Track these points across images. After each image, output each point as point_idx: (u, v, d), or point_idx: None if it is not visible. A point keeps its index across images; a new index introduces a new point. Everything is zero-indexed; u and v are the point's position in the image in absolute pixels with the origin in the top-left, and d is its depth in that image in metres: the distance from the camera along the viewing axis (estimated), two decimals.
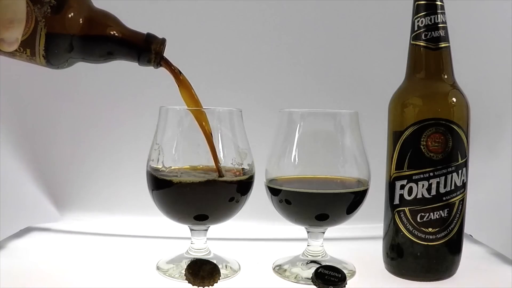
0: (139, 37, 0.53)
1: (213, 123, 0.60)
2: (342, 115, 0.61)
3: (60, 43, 0.50)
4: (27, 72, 0.88)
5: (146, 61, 0.54)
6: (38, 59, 0.50)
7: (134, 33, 0.53)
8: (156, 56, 0.54)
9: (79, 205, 0.90)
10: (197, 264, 0.50)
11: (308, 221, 0.62)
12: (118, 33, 0.52)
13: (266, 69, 0.90)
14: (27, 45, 0.48)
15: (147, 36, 0.53)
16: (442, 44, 0.58)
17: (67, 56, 0.51)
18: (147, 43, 0.53)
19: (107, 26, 0.52)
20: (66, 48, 0.51)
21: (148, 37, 0.53)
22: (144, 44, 0.53)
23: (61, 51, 0.51)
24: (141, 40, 0.53)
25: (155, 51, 0.53)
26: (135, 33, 0.53)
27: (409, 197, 0.58)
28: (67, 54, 0.51)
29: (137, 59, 0.54)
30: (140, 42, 0.53)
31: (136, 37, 0.53)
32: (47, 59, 0.50)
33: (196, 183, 0.57)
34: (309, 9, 0.90)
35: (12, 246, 0.72)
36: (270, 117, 0.65)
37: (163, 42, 0.54)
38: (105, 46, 0.53)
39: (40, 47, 0.49)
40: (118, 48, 0.53)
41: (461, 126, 0.58)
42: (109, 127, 0.90)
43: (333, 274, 0.51)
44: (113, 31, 0.52)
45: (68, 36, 0.50)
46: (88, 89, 0.90)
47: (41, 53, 0.49)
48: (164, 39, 0.54)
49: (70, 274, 0.61)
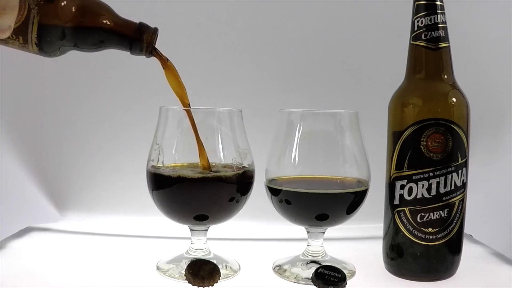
0: (131, 26, 0.54)
1: (213, 123, 0.60)
2: (342, 115, 0.61)
3: (52, 31, 0.50)
4: (27, 72, 0.89)
5: (138, 50, 0.54)
6: (31, 46, 0.50)
7: (126, 22, 0.54)
8: (148, 45, 0.54)
9: (79, 205, 0.90)
10: (197, 264, 0.50)
11: (308, 221, 0.62)
12: (110, 22, 0.53)
13: (266, 69, 0.90)
14: (20, 33, 0.49)
15: (139, 25, 0.54)
16: (442, 44, 0.58)
17: (60, 43, 0.52)
18: (139, 32, 0.53)
19: (100, 15, 0.52)
20: (59, 36, 0.51)
21: (140, 27, 0.54)
22: (136, 34, 0.53)
23: (54, 39, 0.51)
24: (133, 30, 0.53)
25: (147, 41, 0.53)
26: (128, 22, 0.54)
27: (409, 197, 0.58)
28: (59, 42, 0.51)
29: (129, 48, 0.54)
30: (132, 31, 0.53)
31: (128, 27, 0.53)
32: (39, 46, 0.50)
33: (192, 176, 0.57)
34: (309, 9, 0.90)
35: (12, 246, 0.72)
36: (270, 117, 0.65)
37: (155, 32, 0.54)
38: (97, 35, 0.53)
39: (33, 35, 0.49)
40: (110, 37, 0.53)
41: (461, 126, 0.58)
42: (109, 127, 0.90)
43: (333, 274, 0.51)
44: (105, 19, 0.52)
45: (61, 24, 0.50)
46: (88, 89, 0.90)
47: (33, 40, 0.50)
48: (156, 28, 0.55)
49: (70, 274, 0.61)
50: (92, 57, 0.83)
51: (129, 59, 0.58)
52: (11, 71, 0.87)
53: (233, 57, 0.90)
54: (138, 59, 0.57)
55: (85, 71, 0.89)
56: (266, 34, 0.90)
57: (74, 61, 0.86)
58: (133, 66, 0.86)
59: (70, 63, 0.86)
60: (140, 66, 0.84)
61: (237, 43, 0.90)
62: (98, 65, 0.88)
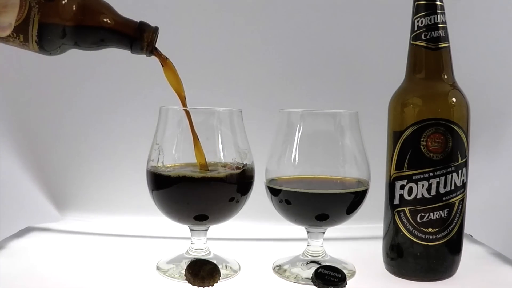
0: (131, 25, 0.53)
1: (213, 123, 0.60)
2: (342, 115, 0.61)
3: (53, 29, 0.50)
4: (27, 72, 0.89)
5: (139, 49, 0.54)
6: (31, 44, 0.50)
7: (127, 21, 0.54)
8: (149, 44, 0.54)
9: (79, 205, 0.90)
10: (197, 264, 0.50)
11: (308, 221, 0.62)
12: (111, 21, 0.52)
13: (266, 69, 0.90)
14: (20, 31, 0.49)
15: (140, 24, 0.54)
16: (442, 44, 0.58)
17: (60, 42, 0.52)
18: (140, 31, 0.53)
19: (100, 13, 0.52)
20: (59, 34, 0.51)
21: (140, 26, 0.54)
22: (137, 33, 0.53)
23: (54, 37, 0.51)
24: (133, 28, 0.53)
25: (147, 40, 0.53)
26: (128, 21, 0.54)
27: (409, 197, 0.58)
28: (59, 40, 0.51)
29: (129, 47, 0.54)
30: (133, 30, 0.53)
31: (128, 25, 0.53)
32: (40, 45, 0.50)
33: (191, 175, 0.57)
34: (309, 9, 0.90)
35: (12, 246, 0.72)
36: (270, 117, 0.65)
37: (155, 31, 0.54)
38: (97, 34, 0.53)
39: (33, 33, 0.49)
40: (111, 36, 0.53)
41: (461, 126, 0.58)
42: (109, 127, 0.90)
43: (333, 274, 0.51)
44: (106, 18, 0.52)
45: (61, 23, 0.50)
46: (88, 89, 0.90)
47: (34, 39, 0.49)
48: (157, 27, 0.54)
49: (70, 274, 0.61)
50: (92, 57, 0.83)
51: (129, 59, 0.58)
52: (11, 71, 0.88)
53: (233, 57, 0.90)
54: (137, 59, 0.57)
55: (85, 71, 0.89)
56: (266, 34, 0.90)
57: (74, 61, 0.86)
58: (133, 66, 0.85)
59: (70, 63, 0.87)
60: (140, 66, 0.84)
61: (237, 43, 0.90)
62: (98, 65, 0.88)
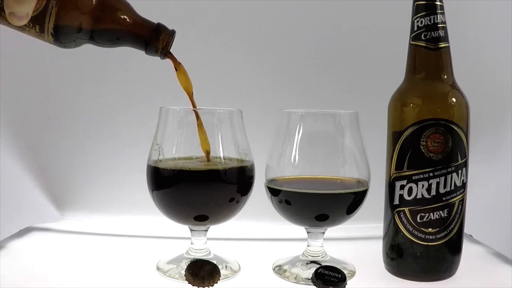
0: (148, 26, 0.53)
1: (213, 123, 0.60)
2: (342, 115, 0.61)
3: (70, 23, 0.50)
4: (28, 72, 0.89)
5: (153, 50, 0.54)
6: (47, 36, 0.50)
7: (144, 22, 0.53)
8: (164, 47, 0.53)
9: (79, 205, 0.90)
10: (197, 264, 0.50)
11: (308, 222, 0.62)
12: (129, 19, 0.52)
13: (266, 69, 0.90)
14: (37, 22, 0.48)
15: (157, 26, 0.53)
16: (442, 44, 0.58)
17: (75, 36, 0.51)
18: (156, 33, 0.53)
19: (119, 10, 0.52)
20: (75, 29, 0.51)
21: (157, 27, 0.53)
22: (153, 34, 0.53)
23: (70, 31, 0.50)
24: (150, 30, 0.53)
25: (163, 42, 0.53)
26: (146, 21, 0.53)
27: (409, 197, 0.58)
28: (75, 34, 0.51)
29: (144, 48, 0.54)
30: (149, 31, 0.53)
31: (146, 26, 0.53)
32: (55, 37, 0.50)
33: (192, 167, 0.57)
34: (309, 9, 0.90)
35: (12, 246, 0.72)
36: (270, 117, 0.65)
37: (172, 34, 0.54)
38: (114, 31, 0.52)
39: (50, 25, 0.49)
40: (127, 34, 0.53)
41: (461, 126, 0.58)
42: (109, 127, 0.90)
43: (333, 275, 0.51)
44: (123, 15, 0.52)
45: (79, 17, 0.50)
46: (88, 89, 0.90)
47: (49, 31, 0.49)
48: (174, 30, 0.54)
49: (70, 274, 0.61)
50: (92, 57, 0.84)
51: (130, 59, 0.58)
52: (11, 71, 0.88)
53: (233, 57, 0.90)
54: (138, 59, 0.57)
55: (86, 71, 0.89)
56: (267, 34, 0.90)
57: (75, 61, 0.86)
58: (133, 66, 0.86)
59: (71, 63, 0.87)
60: (140, 66, 0.84)
61: (237, 43, 0.90)
62: (98, 65, 0.88)
